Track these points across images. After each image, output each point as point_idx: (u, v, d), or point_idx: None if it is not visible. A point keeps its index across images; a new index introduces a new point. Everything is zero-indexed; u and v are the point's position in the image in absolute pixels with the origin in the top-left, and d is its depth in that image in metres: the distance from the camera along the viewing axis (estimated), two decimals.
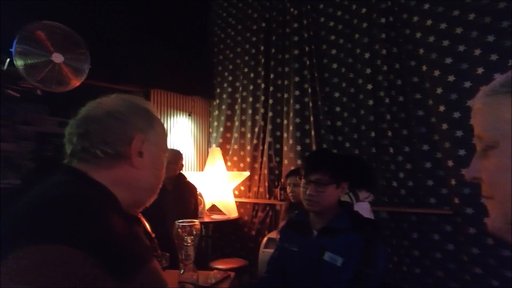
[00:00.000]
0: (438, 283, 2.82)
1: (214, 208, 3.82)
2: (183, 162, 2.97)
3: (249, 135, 3.94)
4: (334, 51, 3.44)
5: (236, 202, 3.90)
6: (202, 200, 3.69)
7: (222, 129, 4.16)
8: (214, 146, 4.12)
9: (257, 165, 3.87)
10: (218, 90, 4.27)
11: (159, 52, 3.56)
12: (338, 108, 3.39)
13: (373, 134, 3.15)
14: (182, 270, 1.41)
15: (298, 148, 3.53)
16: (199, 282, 1.45)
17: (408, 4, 3.03)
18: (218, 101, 4.28)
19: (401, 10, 3.09)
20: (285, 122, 3.70)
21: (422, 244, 2.91)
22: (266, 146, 3.79)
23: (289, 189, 2.73)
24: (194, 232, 1.40)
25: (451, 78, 2.76)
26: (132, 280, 0.56)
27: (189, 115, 4.04)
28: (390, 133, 3.07)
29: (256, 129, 3.89)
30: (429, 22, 2.90)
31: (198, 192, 2.98)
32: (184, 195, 2.76)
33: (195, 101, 4.13)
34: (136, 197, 0.71)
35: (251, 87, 3.97)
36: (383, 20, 3.15)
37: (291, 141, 3.59)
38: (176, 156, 2.69)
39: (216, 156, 3.85)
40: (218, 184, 3.70)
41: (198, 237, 1.41)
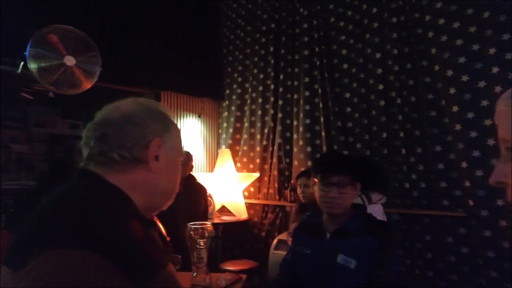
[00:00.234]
0: (452, 287, 2.77)
1: (224, 209, 3.82)
2: (193, 163, 2.98)
3: (258, 136, 3.93)
4: (344, 51, 3.41)
5: (245, 203, 3.89)
6: (211, 201, 3.70)
7: (231, 130, 4.16)
8: (224, 147, 4.13)
9: (266, 166, 3.86)
10: (228, 92, 4.28)
11: (169, 54, 3.59)
12: (349, 109, 3.36)
13: (384, 135, 3.11)
14: (195, 273, 1.41)
15: (308, 149, 3.51)
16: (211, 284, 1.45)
17: (420, 3, 2.99)
18: (227, 102, 4.28)
19: (412, 10, 3.05)
20: (295, 123, 3.68)
21: (435, 247, 2.86)
22: (276, 147, 3.77)
23: (299, 190, 2.72)
24: (207, 234, 1.39)
25: (464, 78, 2.72)
26: (151, 285, 0.56)
27: (198, 116, 4.05)
28: (402, 134, 3.03)
29: (266, 130, 3.88)
30: (441, 21, 2.85)
31: (208, 193, 2.99)
32: (194, 197, 2.77)
33: (204, 102, 4.14)
34: (152, 201, 0.71)
35: (260, 88, 3.96)
36: (394, 19, 3.12)
37: (301, 142, 3.56)
38: (186, 158, 2.70)
39: (225, 157, 3.85)
40: (228, 185, 3.70)
41: (210, 239, 1.41)
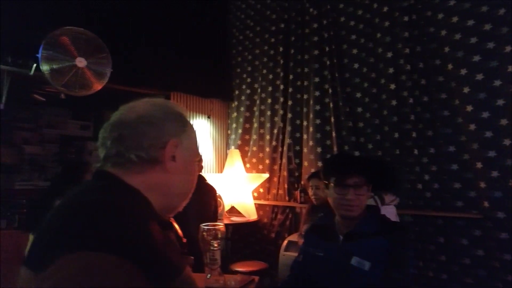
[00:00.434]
0: None
1: (233, 210, 3.81)
2: (203, 164, 2.98)
3: (268, 137, 3.91)
4: (355, 51, 3.37)
5: (255, 204, 3.88)
6: (221, 202, 3.69)
7: (240, 131, 4.15)
8: (233, 148, 4.12)
9: (276, 167, 3.84)
10: (237, 92, 4.28)
11: (178, 56, 3.60)
12: (360, 109, 3.31)
13: (396, 135, 3.06)
14: (209, 275, 1.40)
15: (319, 149, 3.48)
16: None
17: (432, 2, 2.94)
18: (236, 103, 4.28)
19: (424, 8, 3.00)
20: (304, 123, 3.65)
21: (449, 249, 2.80)
22: (286, 148, 3.74)
23: (311, 191, 2.69)
24: (219, 235, 1.38)
25: (479, 77, 2.66)
26: (170, 287, 0.55)
27: (208, 117, 4.06)
28: (414, 134, 2.97)
29: (275, 130, 3.86)
30: (455, 19, 2.80)
31: (217, 194, 2.98)
32: (204, 197, 2.76)
33: (213, 103, 4.15)
34: (169, 201, 0.70)
35: (269, 88, 3.95)
36: (406, 18, 3.07)
37: (311, 142, 3.53)
38: None
39: (235, 158, 3.84)
40: (237, 186, 3.69)
41: (223, 240, 1.40)
